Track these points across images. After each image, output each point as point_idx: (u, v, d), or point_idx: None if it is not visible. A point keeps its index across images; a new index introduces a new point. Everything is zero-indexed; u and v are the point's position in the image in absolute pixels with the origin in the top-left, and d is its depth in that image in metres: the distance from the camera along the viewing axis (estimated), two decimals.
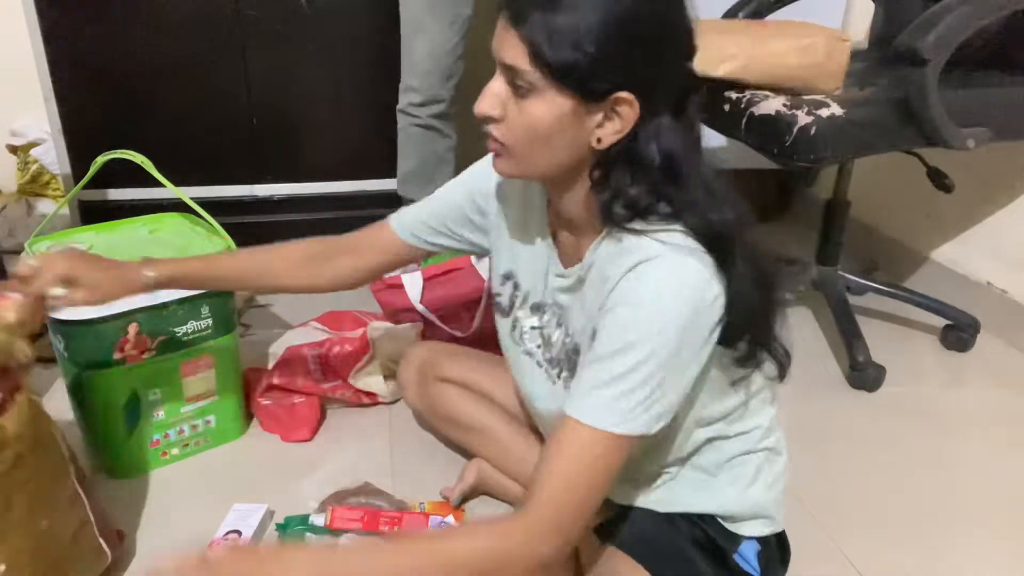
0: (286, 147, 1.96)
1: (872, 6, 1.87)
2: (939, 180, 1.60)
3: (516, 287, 0.96)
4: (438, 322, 1.47)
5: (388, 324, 1.49)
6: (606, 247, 0.80)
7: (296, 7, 1.82)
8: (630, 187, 0.76)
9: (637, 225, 0.76)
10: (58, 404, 1.42)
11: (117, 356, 1.18)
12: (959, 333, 1.72)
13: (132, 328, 1.18)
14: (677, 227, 0.76)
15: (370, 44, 1.90)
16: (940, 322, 1.75)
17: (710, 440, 0.89)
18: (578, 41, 0.70)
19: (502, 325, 0.99)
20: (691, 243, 0.75)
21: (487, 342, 1.41)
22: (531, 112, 0.74)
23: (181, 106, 1.87)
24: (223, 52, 1.84)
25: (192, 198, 1.30)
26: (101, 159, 1.25)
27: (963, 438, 1.43)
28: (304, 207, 2.01)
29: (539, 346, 0.93)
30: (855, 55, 1.88)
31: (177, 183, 1.27)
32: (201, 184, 1.88)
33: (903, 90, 1.34)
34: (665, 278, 0.74)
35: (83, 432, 1.30)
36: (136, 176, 1.31)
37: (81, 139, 1.84)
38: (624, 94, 0.72)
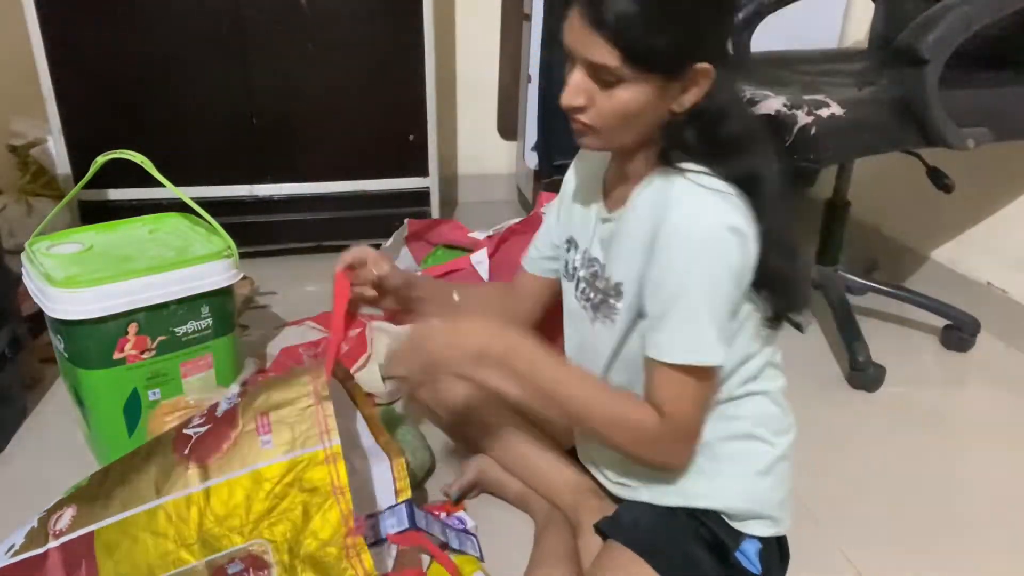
0: (286, 147, 1.96)
1: (872, 6, 1.87)
2: (939, 180, 1.60)
3: (576, 248, 1.01)
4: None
5: (388, 324, 1.49)
6: (650, 190, 0.86)
7: (296, 7, 1.83)
8: (685, 131, 0.83)
9: (683, 164, 0.83)
10: (58, 404, 1.42)
11: (117, 356, 1.18)
12: (959, 333, 1.71)
13: (132, 328, 1.18)
14: (715, 174, 0.82)
15: (370, 44, 1.90)
16: (940, 322, 1.75)
17: (720, 403, 0.92)
18: (661, 31, 0.77)
19: (567, 288, 1.04)
20: (726, 187, 0.82)
21: None
22: (619, 99, 0.81)
23: (181, 106, 1.87)
24: (223, 52, 1.84)
25: (192, 198, 1.30)
26: (101, 159, 1.25)
27: (963, 438, 1.43)
28: (304, 207, 2.01)
29: (589, 297, 0.97)
30: (855, 55, 1.88)
31: (177, 183, 1.27)
32: (201, 184, 1.88)
33: (903, 90, 1.34)
34: (701, 217, 0.81)
35: (83, 432, 1.30)
36: (136, 176, 1.31)
37: (81, 139, 1.84)
38: (701, 64, 0.79)
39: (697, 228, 0.81)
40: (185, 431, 0.93)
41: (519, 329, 0.93)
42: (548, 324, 1.12)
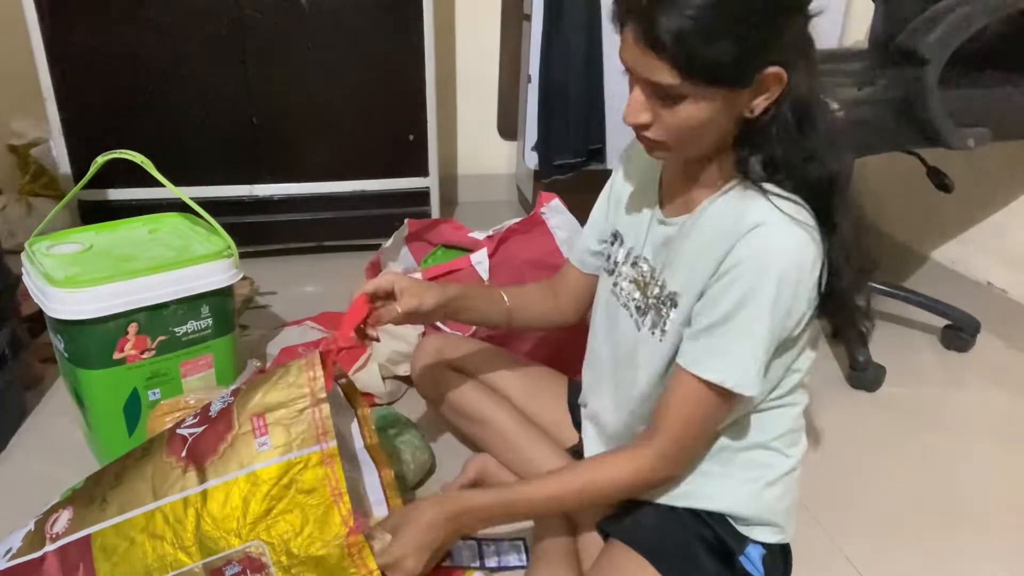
0: (286, 147, 1.96)
1: (872, 6, 1.87)
2: (939, 180, 1.60)
3: (622, 244, 0.99)
4: (438, 323, 1.47)
5: (389, 325, 1.49)
6: (725, 202, 0.84)
7: (296, 7, 1.82)
8: (769, 142, 0.80)
9: (765, 185, 0.81)
10: (58, 404, 1.42)
11: (117, 356, 1.18)
12: (959, 333, 1.71)
13: (132, 328, 1.18)
14: (795, 196, 0.81)
15: (370, 44, 1.90)
16: (940, 322, 1.75)
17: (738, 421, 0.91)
18: (720, 45, 0.72)
19: (604, 283, 1.03)
20: (803, 214, 0.80)
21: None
22: (684, 114, 0.78)
23: (181, 106, 1.87)
24: (223, 52, 1.84)
25: (192, 198, 1.30)
26: (101, 159, 1.25)
27: (963, 438, 1.43)
28: (304, 207, 2.01)
29: (633, 298, 0.96)
30: (855, 55, 1.88)
31: (177, 183, 1.27)
32: (201, 184, 1.88)
33: (903, 90, 1.34)
34: (780, 247, 0.79)
35: (83, 432, 1.30)
36: (136, 176, 1.31)
37: (81, 139, 1.84)
38: (771, 69, 0.76)
39: (778, 261, 0.79)
40: (179, 432, 0.93)
41: (451, 494, 0.95)
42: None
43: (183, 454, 0.89)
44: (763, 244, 0.79)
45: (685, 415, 0.86)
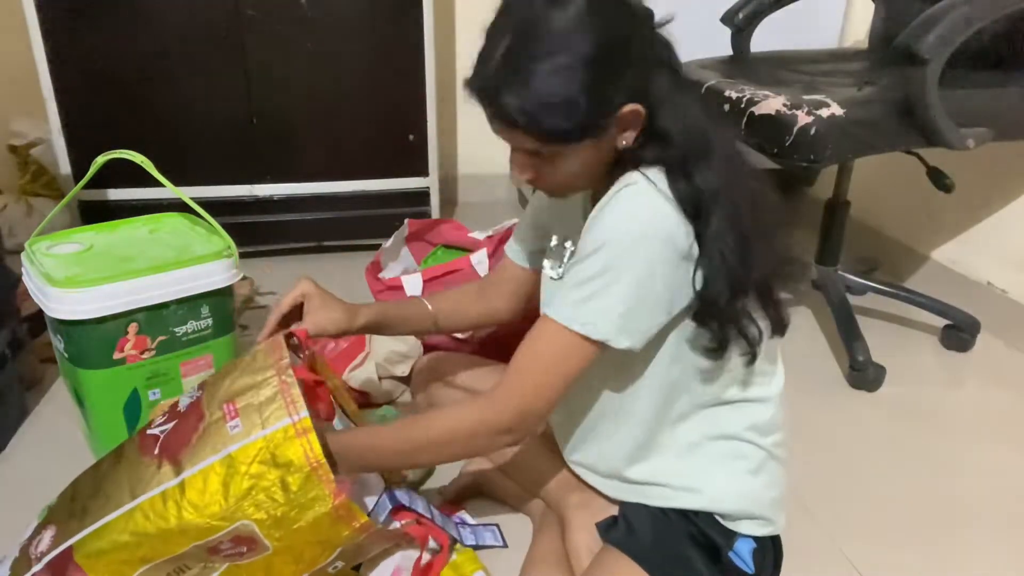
0: (286, 147, 1.96)
1: (872, 6, 1.87)
2: (939, 180, 1.60)
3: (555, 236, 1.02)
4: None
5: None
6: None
7: (296, 7, 1.83)
8: (640, 150, 0.84)
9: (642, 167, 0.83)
10: (58, 404, 1.43)
11: (117, 356, 1.18)
12: (959, 333, 1.71)
13: (132, 328, 1.18)
14: (662, 171, 0.82)
15: (370, 44, 1.90)
16: (940, 322, 1.75)
17: (695, 410, 0.91)
18: (567, 112, 0.77)
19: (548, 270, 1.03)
20: (668, 190, 0.81)
21: (486, 345, 1.41)
22: (561, 166, 0.84)
23: (181, 106, 1.87)
24: (223, 52, 1.84)
25: (192, 198, 1.30)
26: (101, 159, 1.25)
27: (963, 438, 1.43)
28: (304, 207, 2.02)
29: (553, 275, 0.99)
30: (855, 55, 1.88)
31: (177, 183, 1.27)
32: (201, 184, 1.88)
33: (903, 90, 1.34)
34: (639, 201, 0.81)
35: (83, 432, 1.30)
36: (136, 176, 1.31)
37: (81, 139, 1.84)
38: (626, 108, 0.80)
39: (635, 216, 0.80)
40: (150, 432, 0.92)
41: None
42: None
43: (156, 451, 0.88)
44: (624, 203, 0.81)
45: (533, 359, 0.86)
